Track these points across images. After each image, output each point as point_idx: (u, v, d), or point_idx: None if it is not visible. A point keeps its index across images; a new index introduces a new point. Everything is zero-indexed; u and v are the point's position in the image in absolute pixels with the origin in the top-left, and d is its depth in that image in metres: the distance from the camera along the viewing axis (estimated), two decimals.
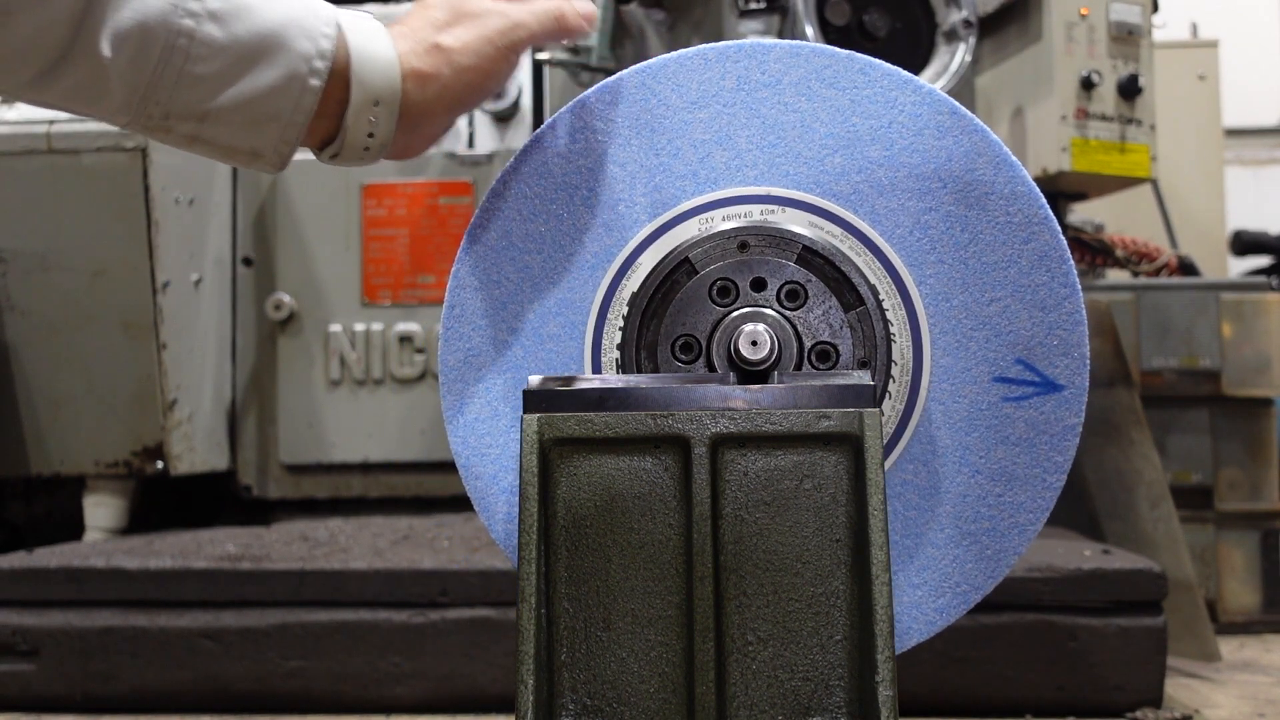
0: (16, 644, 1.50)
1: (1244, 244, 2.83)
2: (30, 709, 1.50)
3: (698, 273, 0.92)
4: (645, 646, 0.82)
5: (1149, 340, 2.09)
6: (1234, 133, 4.26)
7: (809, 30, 1.82)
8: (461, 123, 2.08)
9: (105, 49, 0.79)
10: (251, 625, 1.49)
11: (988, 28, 2.23)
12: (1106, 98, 2.10)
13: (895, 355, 0.92)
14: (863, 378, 0.86)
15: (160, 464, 1.91)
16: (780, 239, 0.92)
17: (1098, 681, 1.43)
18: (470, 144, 2.08)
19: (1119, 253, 2.32)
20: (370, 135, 0.88)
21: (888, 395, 0.92)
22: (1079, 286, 0.93)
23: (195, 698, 1.50)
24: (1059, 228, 0.93)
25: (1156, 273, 2.34)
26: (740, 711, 0.81)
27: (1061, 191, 2.21)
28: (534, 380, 0.87)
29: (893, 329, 0.92)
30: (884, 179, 0.94)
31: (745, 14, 1.85)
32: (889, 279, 0.93)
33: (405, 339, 2.05)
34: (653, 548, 0.83)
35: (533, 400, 0.85)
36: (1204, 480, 2.08)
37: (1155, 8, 2.19)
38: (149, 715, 1.49)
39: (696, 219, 0.94)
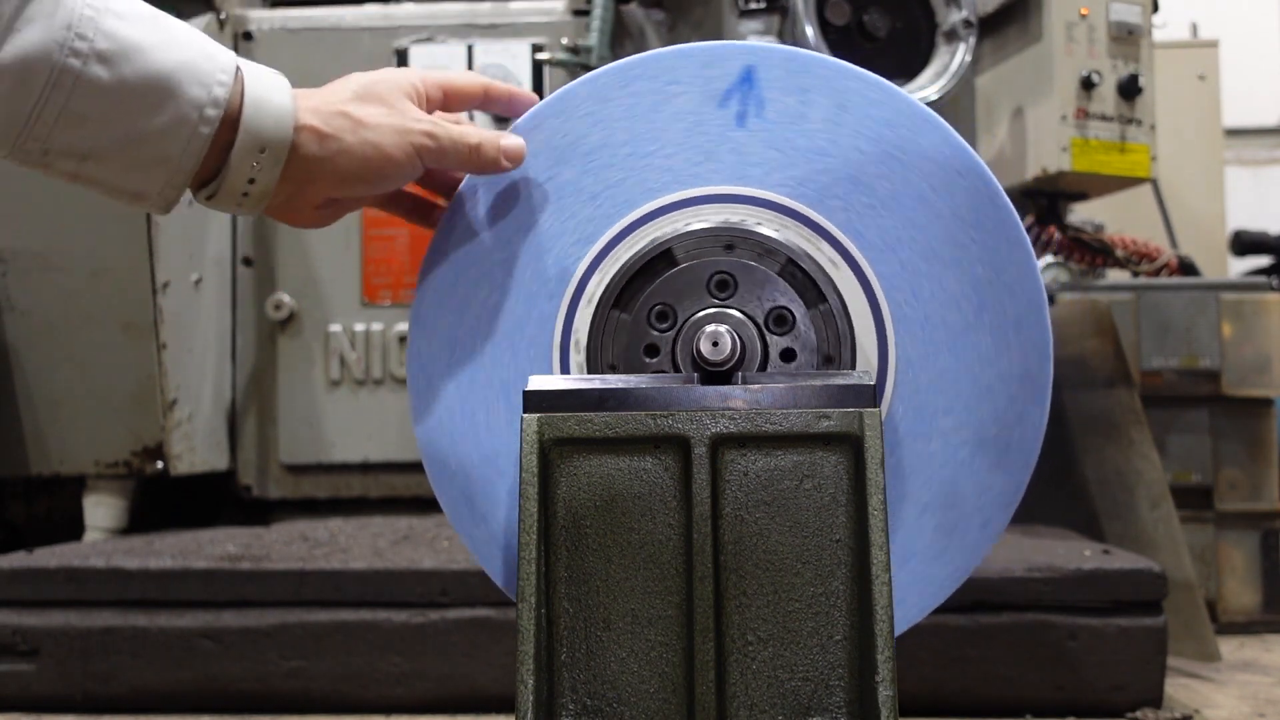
0: (16, 644, 1.50)
1: (1244, 244, 2.83)
2: (30, 709, 1.50)
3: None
4: (645, 646, 0.82)
5: (1149, 340, 2.09)
6: (1234, 133, 4.26)
7: (809, 30, 1.82)
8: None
9: None
10: (251, 625, 1.49)
11: (988, 28, 2.23)
12: (1106, 98, 2.10)
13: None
14: (863, 378, 0.86)
15: (160, 464, 1.91)
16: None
17: (1098, 681, 1.43)
18: None
19: (1119, 253, 2.33)
20: (251, 181, 0.86)
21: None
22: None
23: (195, 698, 1.50)
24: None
25: (1156, 273, 2.34)
26: (740, 711, 0.81)
27: (1061, 191, 2.21)
28: (534, 380, 0.87)
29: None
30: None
31: (745, 14, 1.85)
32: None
33: (405, 339, 2.05)
34: (653, 548, 0.83)
35: (533, 400, 0.85)
36: (1204, 480, 2.08)
37: (1155, 8, 2.19)
38: (149, 715, 1.49)
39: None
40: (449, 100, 0.97)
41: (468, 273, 0.97)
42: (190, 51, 0.83)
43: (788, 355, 0.90)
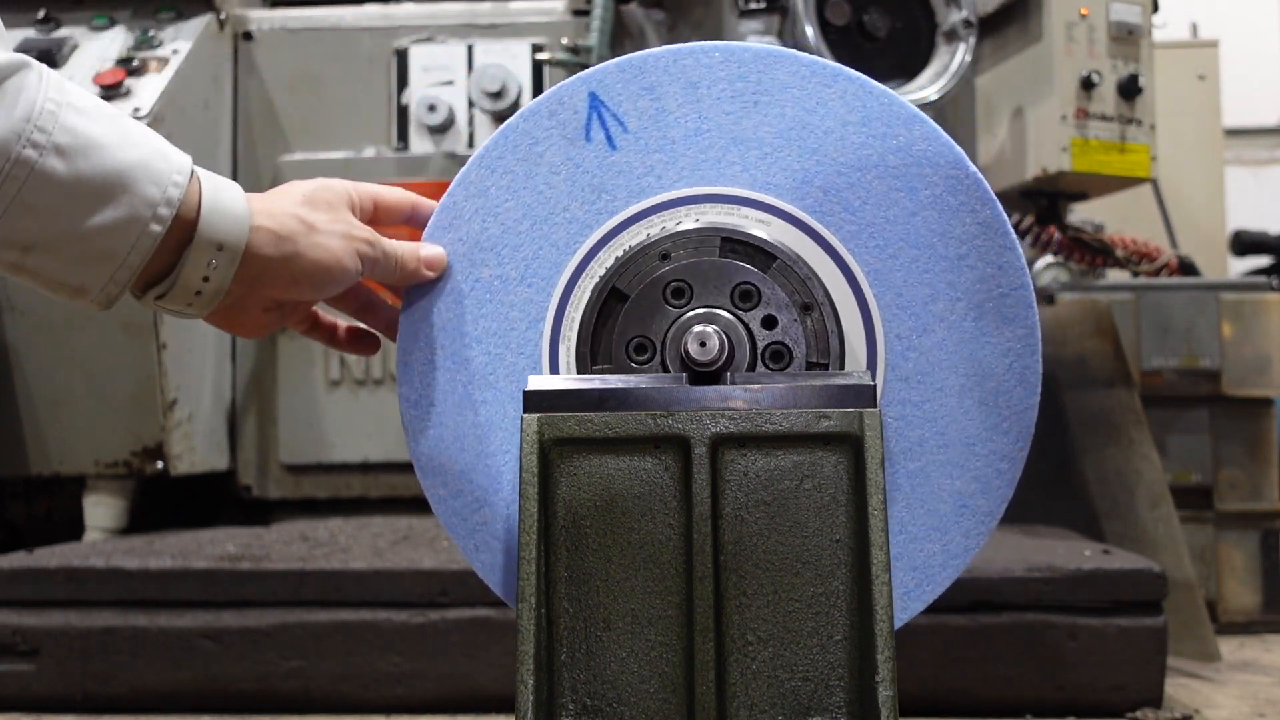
0: (16, 644, 1.50)
1: (1244, 244, 2.83)
2: (30, 709, 1.50)
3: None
4: (645, 646, 0.82)
5: (1149, 340, 2.09)
6: (1234, 133, 4.26)
7: (809, 30, 1.82)
8: (462, 121, 2.08)
9: None
10: (251, 625, 1.49)
11: (988, 28, 2.23)
12: (1106, 98, 2.10)
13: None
14: (863, 377, 0.86)
15: (160, 464, 1.91)
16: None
17: (1098, 681, 1.43)
18: (470, 144, 2.08)
19: (1119, 253, 2.33)
20: (205, 280, 0.86)
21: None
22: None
23: (195, 698, 1.50)
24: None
25: (1156, 273, 2.34)
26: (740, 711, 0.81)
27: (1061, 191, 2.21)
28: (534, 380, 0.87)
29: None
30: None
31: (745, 14, 1.85)
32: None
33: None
34: (653, 548, 0.83)
35: (533, 400, 0.85)
36: (1204, 480, 2.08)
37: (1155, 8, 2.19)
38: (149, 715, 1.49)
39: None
40: (379, 213, 0.98)
41: (445, 401, 0.97)
42: (147, 151, 0.83)
43: (769, 323, 0.91)
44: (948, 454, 0.93)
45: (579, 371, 0.93)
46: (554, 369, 0.95)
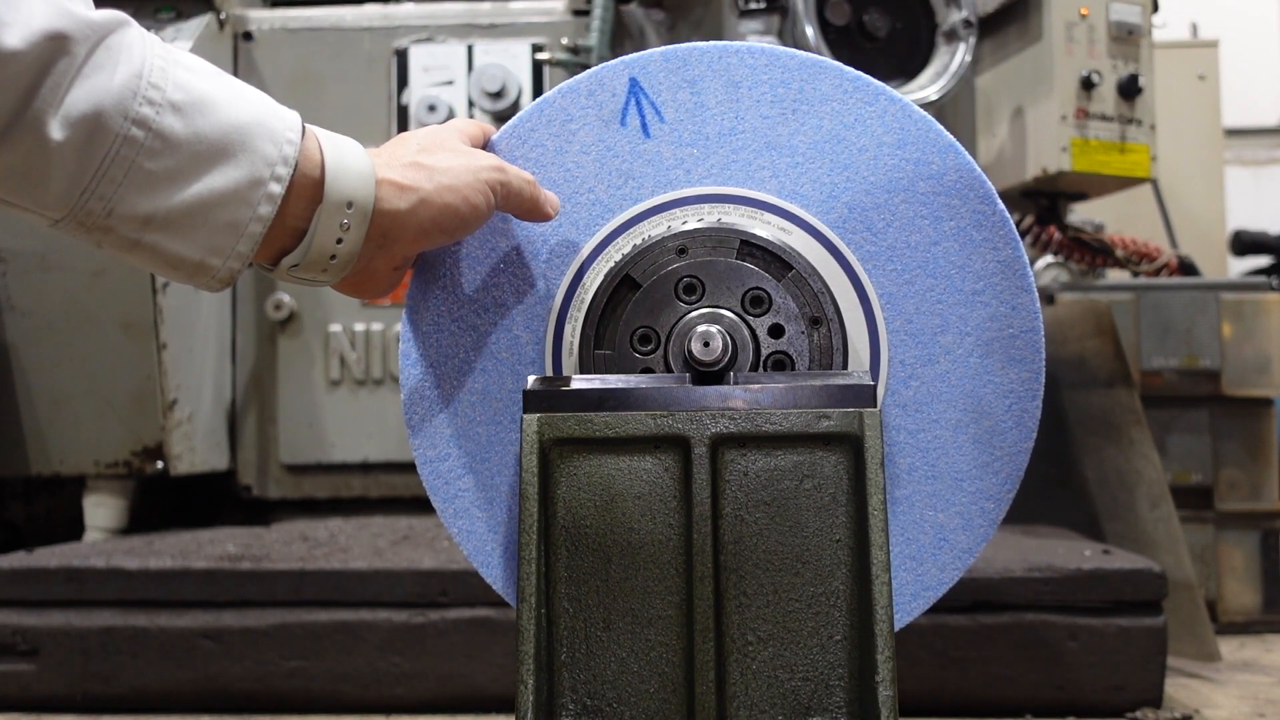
0: (16, 644, 1.50)
1: (1244, 244, 2.83)
2: (30, 709, 1.50)
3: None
4: (645, 646, 0.82)
5: (1149, 340, 2.09)
6: (1234, 133, 4.26)
7: (809, 30, 1.82)
8: None
9: (54, 132, 0.71)
10: (251, 625, 1.49)
11: (988, 28, 2.23)
12: (1106, 98, 2.10)
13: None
14: (863, 378, 0.86)
15: (160, 464, 1.91)
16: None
17: (1098, 681, 1.43)
18: None
19: (1119, 253, 2.33)
20: (339, 241, 0.82)
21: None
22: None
23: (195, 698, 1.50)
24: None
25: (1156, 273, 2.34)
26: (740, 711, 0.81)
27: (1061, 191, 2.21)
28: (534, 380, 0.87)
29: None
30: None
31: (745, 14, 1.85)
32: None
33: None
34: (653, 548, 0.83)
35: (533, 400, 0.85)
36: (1204, 480, 2.08)
37: (1155, 8, 2.19)
38: (149, 715, 1.49)
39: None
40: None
41: (446, 364, 0.97)
42: (260, 107, 0.79)
43: (775, 331, 0.91)
44: (935, 486, 0.93)
45: (581, 353, 0.93)
46: (558, 346, 0.95)
